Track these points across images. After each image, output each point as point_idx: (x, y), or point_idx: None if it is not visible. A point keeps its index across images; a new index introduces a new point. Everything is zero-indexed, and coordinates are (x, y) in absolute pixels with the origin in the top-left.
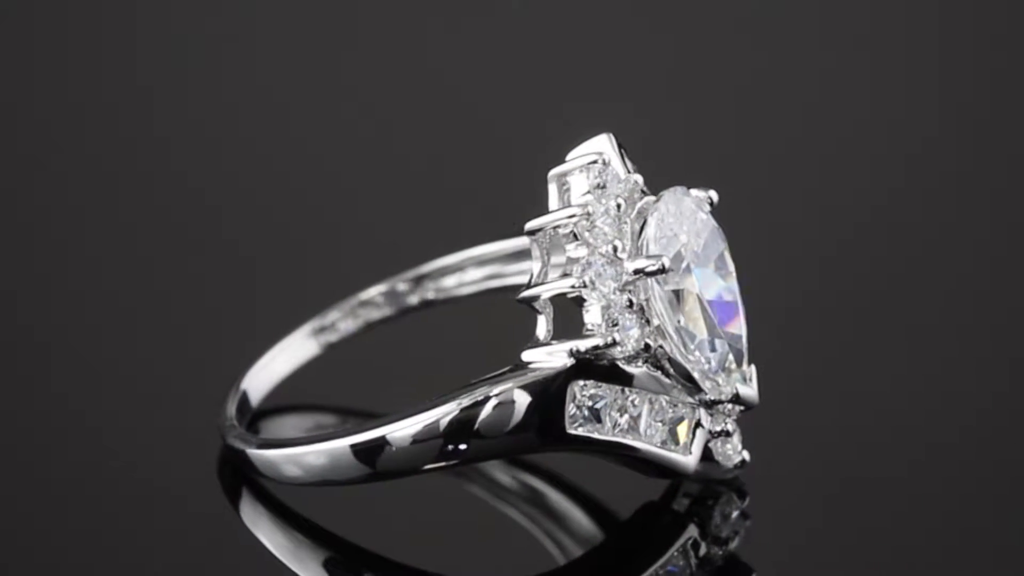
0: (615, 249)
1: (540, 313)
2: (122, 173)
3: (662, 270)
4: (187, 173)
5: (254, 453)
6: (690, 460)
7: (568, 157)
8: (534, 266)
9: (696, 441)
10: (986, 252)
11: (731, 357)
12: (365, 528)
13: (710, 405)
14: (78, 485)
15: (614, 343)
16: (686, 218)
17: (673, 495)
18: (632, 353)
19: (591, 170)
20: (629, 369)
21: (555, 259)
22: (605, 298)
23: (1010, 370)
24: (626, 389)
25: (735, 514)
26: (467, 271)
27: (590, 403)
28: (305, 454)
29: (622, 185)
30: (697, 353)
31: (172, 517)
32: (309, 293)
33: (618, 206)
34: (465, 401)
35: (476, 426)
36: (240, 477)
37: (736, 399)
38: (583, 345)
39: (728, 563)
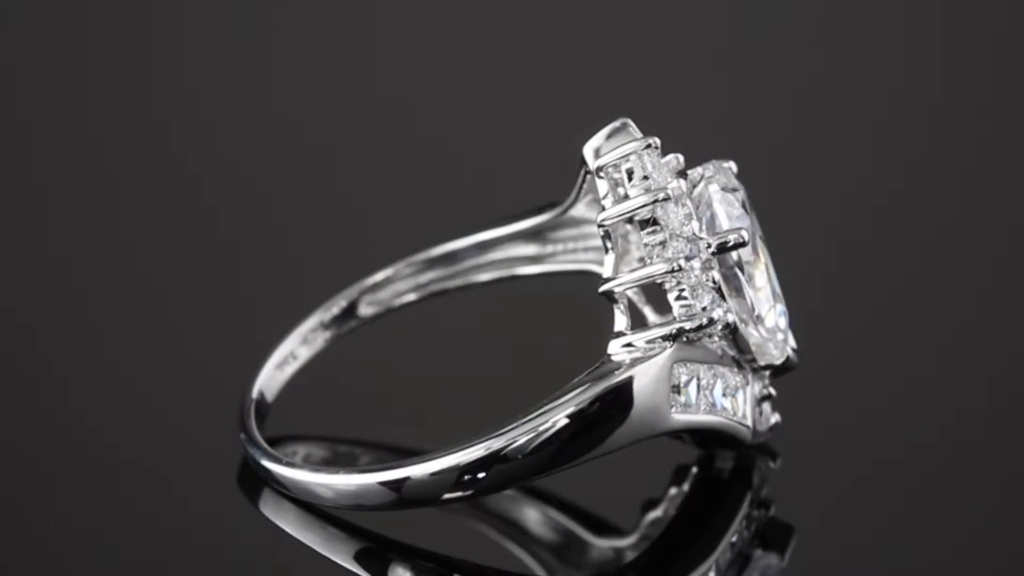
0: (695, 229)
1: (616, 304)
2: (122, 171)
3: (743, 243)
4: (187, 168)
5: (282, 474)
6: (749, 428)
7: (587, 148)
8: (608, 258)
9: (748, 407)
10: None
11: (783, 321)
12: (390, 526)
13: (757, 371)
14: (85, 486)
15: (711, 322)
16: (731, 190)
17: (708, 466)
18: (719, 330)
19: (642, 155)
20: (710, 346)
21: (623, 247)
22: (693, 278)
23: None
24: (705, 366)
25: (770, 476)
26: (484, 255)
27: (685, 386)
28: (338, 482)
29: (667, 166)
30: (768, 321)
31: (196, 517)
32: (311, 287)
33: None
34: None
35: (588, 425)
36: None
37: (787, 363)
38: (685, 326)
39: (770, 525)
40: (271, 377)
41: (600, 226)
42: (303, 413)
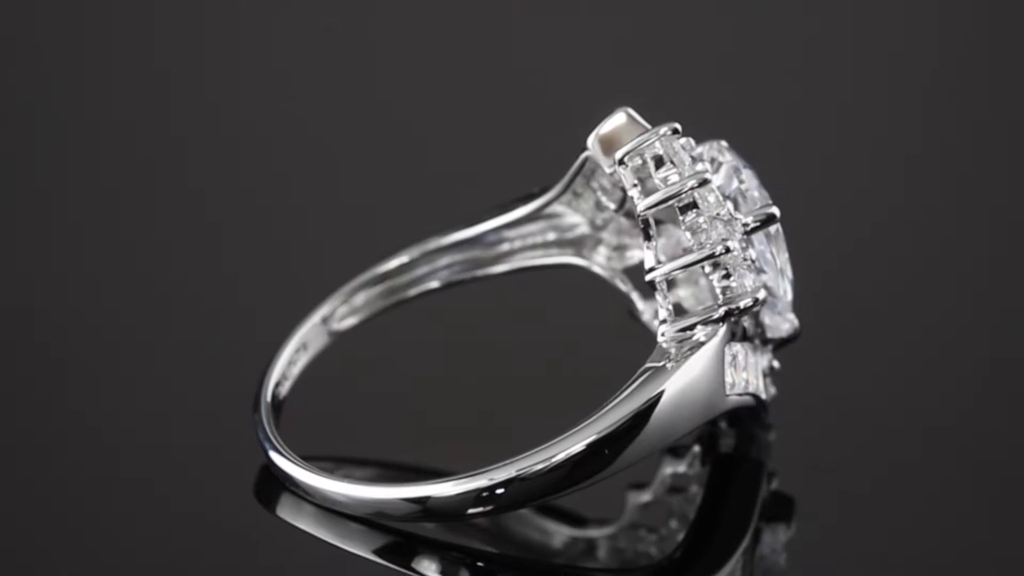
0: (731, 209)
1: (658, 292)
2: (123, 171)
3: (776, 219)
4: (187, 168)
5: (306, 481)
6: (763, 401)
7: (592, 139)
8: (649, 247)
9: (761, 381)
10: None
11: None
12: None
13: (767, 342)
14: (86, 487)
15: (757, 302)
16: (744, 167)
17: (712, 445)
18: (759, 307)
19: (665, 140)
20: (744, 324)
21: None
22: (736, 259)
23: None
24: (740, 344)
25: (770, 450)
26: (496, 245)
27: (731, 366)
28: (361, 493)
29: (684, 150)
30: (788, 295)
31: (206, 516)
32: (311, 287)
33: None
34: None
35: (648, 419)
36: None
37: (792, 335)
38: (736, 307)
39: (774, 498)
40: (282, 376)
41: (639, 216)
42: (307, 414)
